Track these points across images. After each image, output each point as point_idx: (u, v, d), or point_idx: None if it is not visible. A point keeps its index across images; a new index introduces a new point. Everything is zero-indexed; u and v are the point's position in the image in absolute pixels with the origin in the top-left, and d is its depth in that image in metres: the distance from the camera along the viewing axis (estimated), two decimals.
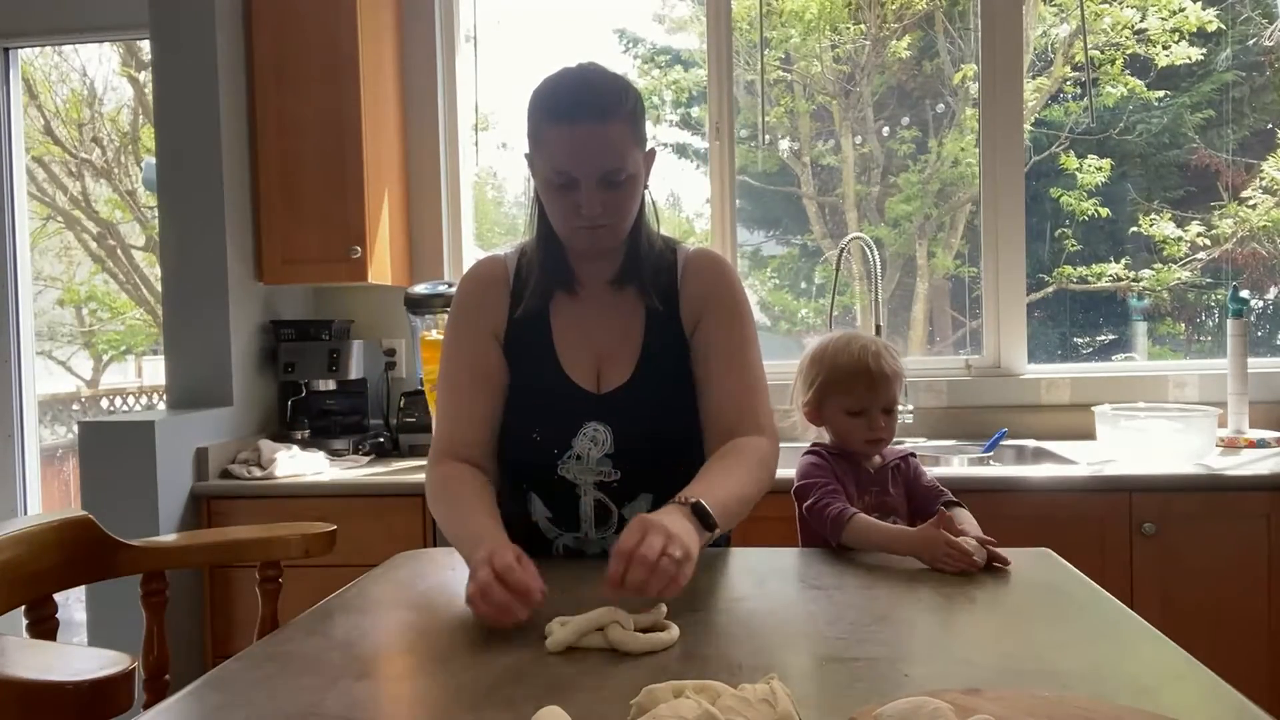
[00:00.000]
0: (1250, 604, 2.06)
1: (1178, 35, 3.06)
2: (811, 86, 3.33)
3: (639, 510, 1.33)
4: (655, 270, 1.38)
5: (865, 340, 1.54)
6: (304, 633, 1.10)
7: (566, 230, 1.30)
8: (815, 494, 1.43)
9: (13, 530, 1.25)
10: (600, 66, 1.31)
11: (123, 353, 5.77)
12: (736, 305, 1.39)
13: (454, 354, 1.40)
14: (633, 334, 1.37)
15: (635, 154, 1.28)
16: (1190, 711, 0.82)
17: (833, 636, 1.06)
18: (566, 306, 1.39)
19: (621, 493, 1.34)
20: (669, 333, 1.37)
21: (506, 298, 1.39)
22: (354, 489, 2.29)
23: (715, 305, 1.37)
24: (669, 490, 1.29)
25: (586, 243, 1.31)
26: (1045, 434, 2.63)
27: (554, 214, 1.30)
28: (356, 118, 2.58)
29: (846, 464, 1.52)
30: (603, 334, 1.37)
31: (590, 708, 0.83)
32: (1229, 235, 2.99)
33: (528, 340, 1.37)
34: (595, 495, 1.34)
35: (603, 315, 1.38)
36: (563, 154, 1.24)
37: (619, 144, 1.24)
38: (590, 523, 1.35)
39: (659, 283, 1.38)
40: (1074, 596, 1.18)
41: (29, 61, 4.59)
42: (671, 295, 1.38)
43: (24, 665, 0.89)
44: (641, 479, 1.34)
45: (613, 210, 1.27)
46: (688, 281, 1.39)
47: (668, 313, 1.37)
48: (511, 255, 1.43)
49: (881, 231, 3.17)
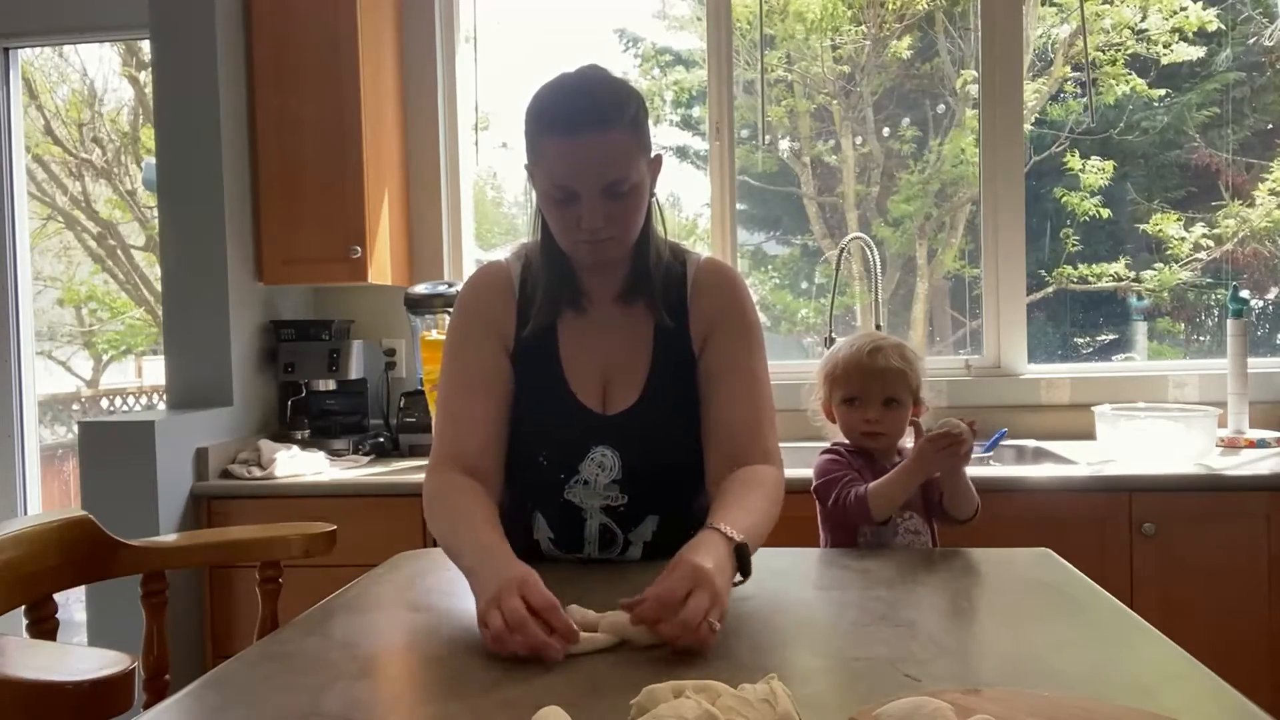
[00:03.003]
0: (1250, 604, 2.06)
1: (1178, 35, 3.06)
2: (812, 86, 3.33)
3: (644, 533, 1.32)
4: (664, 284, 1.33)
5: (874, 336, 1.62)
6: (304, 633, 1.10)
7: (569, 244, 1.26)
8: (836, 490, 1.49)
9: (13, 530, 1.25)
10: (600, 70, 1.26)
11: (123, 353, 5.77)
12: (747, 325, 1.35)
13: (459, 358, 1.34)
14: (641, 351, 1.33)
15: (639, 162, 1.22)
16: (1190, 711, 0.82)
17: (833, 636, 1.06)
18: (573, 323, 1.34)
19: (628, 516, 1.31)
20: (677, 351, 1.33)
21: (513, 308, 1.34)
22: (354, 489, 2.29)
23: (725, 323, 1.33)
24: (674, 512, 1.29)
25: (590, 256, 1.27)
26: (1045, 434, 2.63)
27: (556, 228, 1.26)
28: (356, 118, 2.58)
29: (862, 460, 1.56)
30: (610, 351, 1.33)
31: (590, 708, 0.83)
32: (1230, 235, 2.99)
33: (534, 358, 1.33)
34: (601, 520, 1.31)
35: (610, 332, 1.34)
36: (562, 167, 1.19)
37: (621, 154, 1.19)
38: (594, 545, 1.33)
39: (668, 298, 1.33)
40: (1074, 596, 1.18)
41: (29, 61, 4.59)
42: (681, 310, 1.34)
43: (24, 665, 0.88)
44: (648, 502, 1.31)
45: (617, 222, 1.22)
46: (698, 296, 1.35)
47: (677, 329, 1.33)
48: (514, 262, 1.38)
49: (882, 231, 3.17)
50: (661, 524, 1.32)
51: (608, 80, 1.24)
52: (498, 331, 1.34)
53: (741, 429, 1.30)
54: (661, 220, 1.36)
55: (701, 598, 0.97)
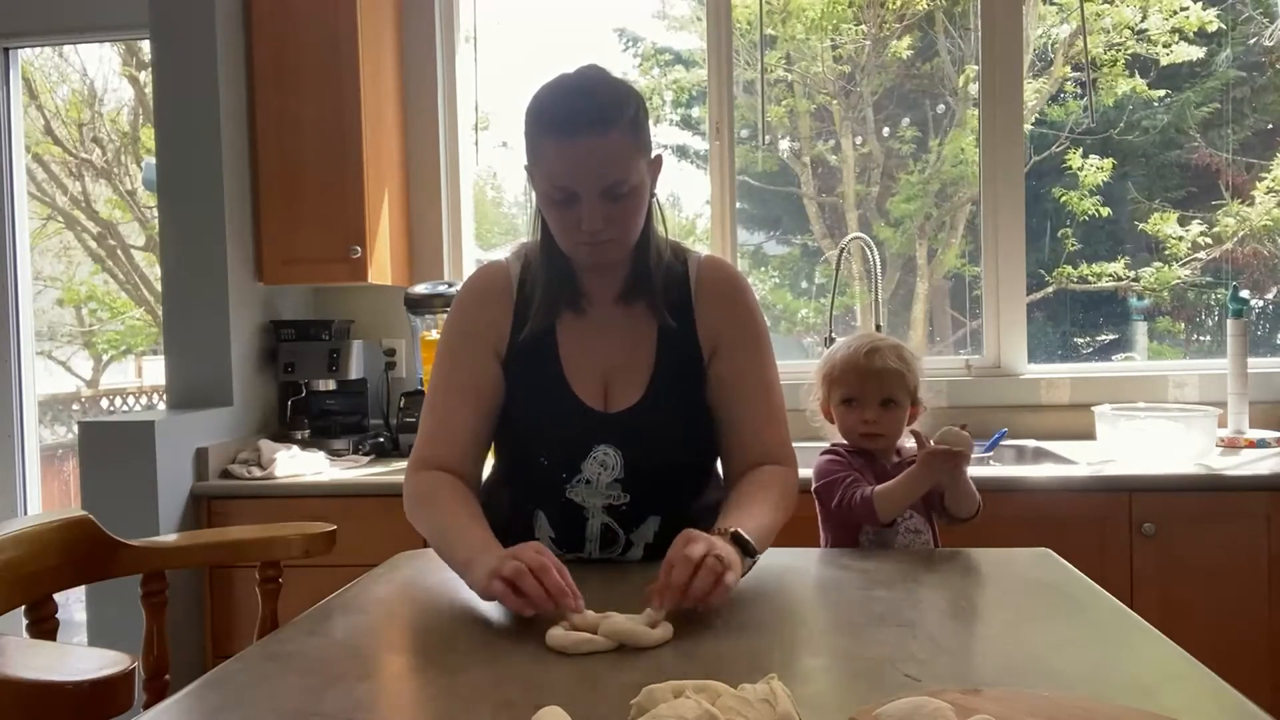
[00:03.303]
0: (1250, 604, 2.06)
1: (1178, 35, 3.06)
2: (812, 86, 3.33)
3: (646, 534, 1.32)
4: (666, 284, 1.33)
5: (872, 337, 1.63)
6: (304, 633, 1.10)
7: (569, 245, 1.26)
8: (839, 490, 1.48)
9: (13, 530, 1.25)
10: (600, 70, 1.25)
11: (123, 353, 5.77)
12: (758, 332, 1.36)
13: (447, 366, 1.35)
14: (643, 351, 1.33)
15: (639, 163, 1.22)
16: (1190, 711, 0.82)
17: (833, 636, 1.06)
18: (573, 324, 1.34)
19: (630, 516, 1.31)
20: (683, 350, 1.33)
21: (510, 311, 1.34)
22: (354, 489, 2.29)
23: (737, 333, 1.34)
24: (676, 512, 1.29)
25: (590, 258, 1.27)
26: (1045, 434, 2.63)
27: (556, 229, 1.26)
28: (356, 118, 2.58)
29: (862, 461, 1.56)
30: (611, 351, 1.33)
31: (590, 708, 0.83)
32: (1230, 235, 2.99)
33: (533, 359, 1.32)
34: (603, 519, 1.31)
35: (611, 332, 1.34)
36: (561, 169, 1.19)
37: (620, 155, 1.19)
38: (595, 544, 1.33)
39: (670, 297, 1.33)
40: (1074, 596, 1.18)
41: (29, 61, 4.59)
42: (685, 309, 1.34)
43: (24, 665, 0.88)
44: (650, 502, 1.31)
45: (617, 223, 1.22)
46: (703, 299, 1.35)
47: (681, 330, 1.33)
48: (514, 262, 1.37)
49: (882, 231, 3.17)
50: (663, 524, 1.32)
51: (607, 81, 1.24)
52: (490, 338, 1.34)
53: (760, 440, 1.33)
54: (662, 220, 1.36)
55: (697, 545, 1.05)
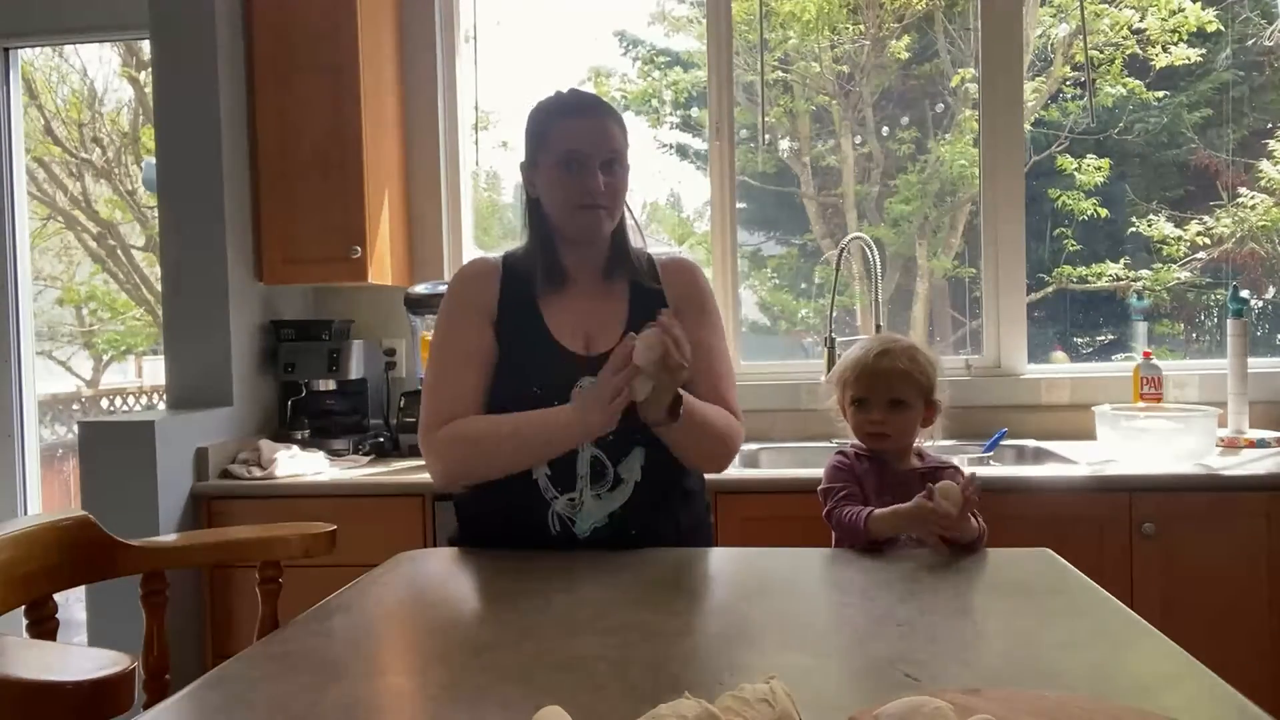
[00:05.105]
0: (1250, 604, 2.06)
1: (1177, 36, 3.06)
2: (811, 87, 3.33)
3: (633, 466, 1.44)
4: (639, 262, 1.56)
5: (888, 339, 1.64)
6: (304, 633, 1.10)
7: (569, 209, 1.46)
8: (831, 500, 1.50)
9: (13, 530, 1.25)
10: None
11: (123, 353, 5.77)
12: (712, 306, 1.58)
13: (445, 336, 1.51)
14: (619, 310, 1.51)
15: (626, 154, 1.49)
16: (1190, 711, 0.82)
17: (833, 636, 1.06)
18: (555, 297, 1.51)
19: (616, 446, 1.43)
20: (655, 305, 1.47)
21: (497, 285, 1.52)
22: (354, 489, 2.29)
23: (693, 306, 1.54)
24: (659, 443, 1.43)
25: (586, 222, 1.46)
26: (1045, 434, 2.63)
27: (560, 198, 1.46)
28: (356, 117, 2.58)
29: (871, 464, 1.55)
30: (591, 311, 1.51)
31: (590, 708, 0.83)
32: (1228, 235, 2.99)
33: (521, 320, 1.49)
34: (592, 451, 1.43)
35: (591, 299, 1.52)
36: (574, 136, 1.44)
37: (616, 137, 1.47)
38: (586, 480, 1.43)
39: (645, 273, 1.55)
40: (1074, 596, 1.18)
41: (29, 61, 4.60)
42: (655, 282, 1.55)
43: (24, 665, 0.88)
44: (634, 433, 1.41)
45: (611, 194, 1.46)
46: (669, 279, 1.57)
47: (653, 292, 1.53)
48: (498, 256, 1.57)
49: (881, 231, 3.17)
50: (648, 457, 1.44)
51: (598, 96, 1.58)
52: (480, 306, 1.51)
53: (712, 392, 1.50)
54: (634, 219, 1.60)
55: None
